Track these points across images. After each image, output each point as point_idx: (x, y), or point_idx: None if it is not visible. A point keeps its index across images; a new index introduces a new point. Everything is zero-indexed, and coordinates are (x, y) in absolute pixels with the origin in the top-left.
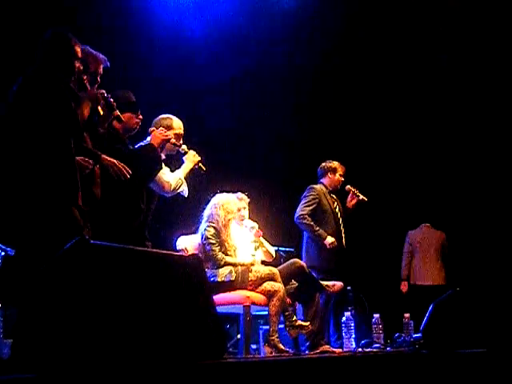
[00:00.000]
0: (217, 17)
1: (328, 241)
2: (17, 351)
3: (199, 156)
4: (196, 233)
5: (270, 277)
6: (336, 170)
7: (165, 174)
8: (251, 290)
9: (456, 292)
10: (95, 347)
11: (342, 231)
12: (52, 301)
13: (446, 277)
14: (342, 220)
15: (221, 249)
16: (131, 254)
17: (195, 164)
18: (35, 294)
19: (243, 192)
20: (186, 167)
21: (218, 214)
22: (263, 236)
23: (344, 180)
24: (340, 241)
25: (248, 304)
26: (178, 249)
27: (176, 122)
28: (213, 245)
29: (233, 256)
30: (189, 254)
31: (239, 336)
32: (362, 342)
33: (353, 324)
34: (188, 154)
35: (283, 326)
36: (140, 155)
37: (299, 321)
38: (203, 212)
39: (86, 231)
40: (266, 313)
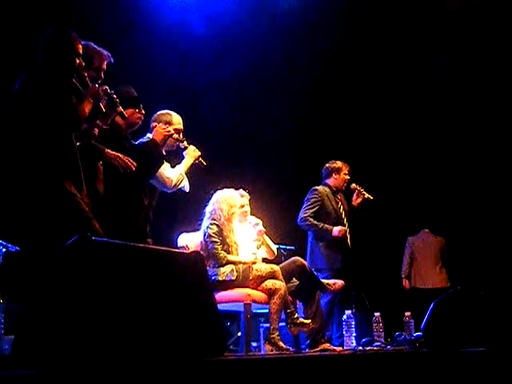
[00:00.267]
0: (218, 14)
1: (335, 230)
2: (18, 347)
3: (199, 151)
4: (197, 230)
5: (272, 275)
6: (340, 170)
7: (166, 170)
8: (252, 288)
9: (456, 291)
10: (96, 343)
11: (347, 231)
12: (54, 297)
13: (448, 279)
14: (347, 220)
15: (223, 247)
16: (132, 251)
17: (195, 159)
18: (37, 291)
19: (244, 189)
20: (187, 162)
21: (221, 209)
22: (265, 233)
23: (349, 179)
24: (345, 241)
25: (249, 302)
26: (179, 246)
27: (175, 118)
28: (215, 243)
29: (234, 254)
30: (190, 251)
31: (240, 334)
32: (363, 341)
33: (353, 322)
34: (188, 149)
35: (284, 324)
36: (143, 151)
37: (301, 318)
38: (205, 209)
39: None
40: (267, 311)
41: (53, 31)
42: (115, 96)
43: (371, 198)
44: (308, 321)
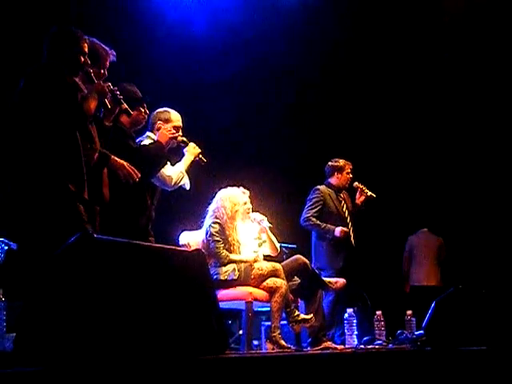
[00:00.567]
0: (220, 13)
1: (337, 230)
2: (20, 345)
3: (199, 148)
4: (199, 229)
5: (273, 273)
6: (343, 169)
7: (166, 168)
8: (254, 287)
9: (458, 290)
10: (98, 341)
11: (351, 230)
12: (55, 295)
13: (441, 279)
14: (351, 219)
15: (225, 246)
16: (134, 249)
17: (196, 156)
18: (39, 288)
19: (245, 187)
20: (187, 160)
21: (225, 207)
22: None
23: (352, 177)
24: (348, 239)
25: (250, 300)
26: (181, 244)
27: (174, 115)
28: (217, 242)
29: (237, 252)
30: (192, 250)
31: (241, 332)
32: (364, 339)
33: (355, 321)
34: (188, 147)
35: (285, 323)
36: (149, 152)
37: (302, 315)
38: (208, 207)
39: (89, 226)
40: (268, 309)
41: (57, 29)
42: (119, 93)
43: (374, 196)
44: (309, 316)
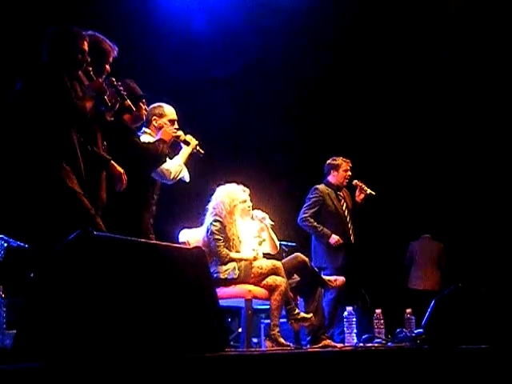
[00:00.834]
0: (219, 11)
1: (333, 239)
2: (20, 342)
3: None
4: (199, 226)
5: (273, 271)
6: (339, 167)
7: (164, 162)
8: (253, 285)
9: (458, 288)
10: (98, 338)
11: (351, 228)
12: (55, 292)
13: (441, 283)
14: (351, 217)
15: (225, 244)
16: (134, 246)
17: (193, 148)
18: (39, 285)
19: (245, 185)
20: (185, 152)
21: (223, 202)
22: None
23: (351, 175)
24: (348, 238)
25: (250, 298)
26: (180, 242)
27: (167, 109)
28: (218, 240)
29: (237, 249)
30: (192, 247)
31: (240, 330)
32: (364, 337)
33: (354, 319)
34: (181, 133)
35: (284, 321)
36: (156, 149)
37: (302, 313)
38: (208, 205)
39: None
40: (268, 307)
41: (55, 28)
42: (122, 88)
43: (374, 194)
44: (309, 315)
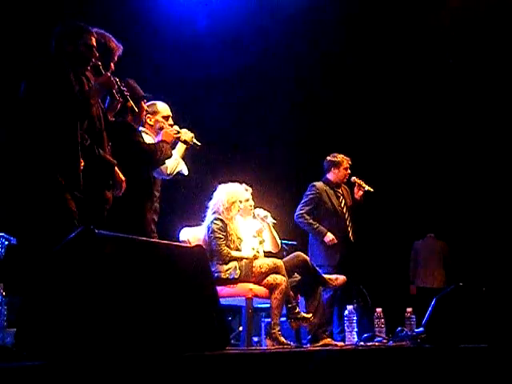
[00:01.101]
0: (221, 10)
1: (327, 238)
2: (20, 340)
3: (192, 133)
4: (199, 225)
5: (274, 269)
6: (340, 164)
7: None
8: (255, 283)
9: (458, 287)
10: (98, 336)
11: (349, 226)
12: (56, 290)
13: (446, 281)
14: (349, 214)
15: (226, 242)
16: (135, 244)
17: (189, 141)
18: (39, 283)
19: (247, 184)
20: (181, 146)
21: (221, 199)
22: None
23: (350, 172)
24: (346, 236)
25: (250, 296)
26: (181, 240)
27: (160, 106)
28: (219, 239)
29: (237, 248)
30: (193, 245)
31: (241, 328)
32: (364, 336)
33: (355, 318)
34: (181, 133)
35: (285, 319)
36: (161, 150)
37: (302, 313)
38: (208, 203)
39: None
40: (268, 305)
41: (62, 25)
42: (126, 89)
43: (372, 191)
44: (309, 315)
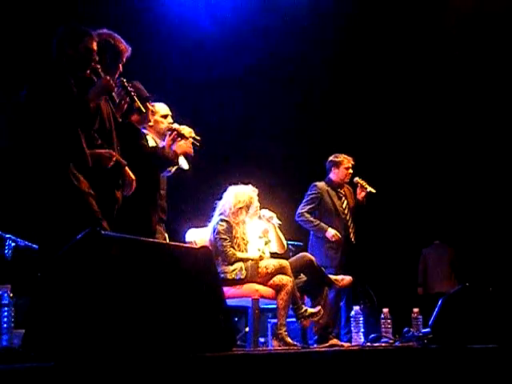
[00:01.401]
0: (225, 11)
1: (329, 233)
2: (28, 341)
3: (195, 134)
4: (206, 226)
5: (280, 270)
6: (340, 164)
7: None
8: (261, 284)
9: (465, 287)
10: (106, 337)
11: (351, 226)
12: (63, 291)
13: (456, 285)
14: (351, 215)
15: (232, 243)
16: (142, 246)
17: (189, 137)
18: (47, 285)
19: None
20: (181, 142)
21: (229, 201)
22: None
23: (352, 172)
24: (348, 236)
25: (257, 297)
26: (187, 241)
27: (158, 106)
28: (224, 240)
29: (243, 249)
30: (199, 247)
31: (247, 329)
32: (371, 337)
33: (362, 318)
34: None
35: (291, 320)
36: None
37: (309, 309)
38: (215, 204)
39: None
40: (275, 306)
41: (63, 27)
42: (133, 90)
43: (374, 192)
44: (316, 309)
